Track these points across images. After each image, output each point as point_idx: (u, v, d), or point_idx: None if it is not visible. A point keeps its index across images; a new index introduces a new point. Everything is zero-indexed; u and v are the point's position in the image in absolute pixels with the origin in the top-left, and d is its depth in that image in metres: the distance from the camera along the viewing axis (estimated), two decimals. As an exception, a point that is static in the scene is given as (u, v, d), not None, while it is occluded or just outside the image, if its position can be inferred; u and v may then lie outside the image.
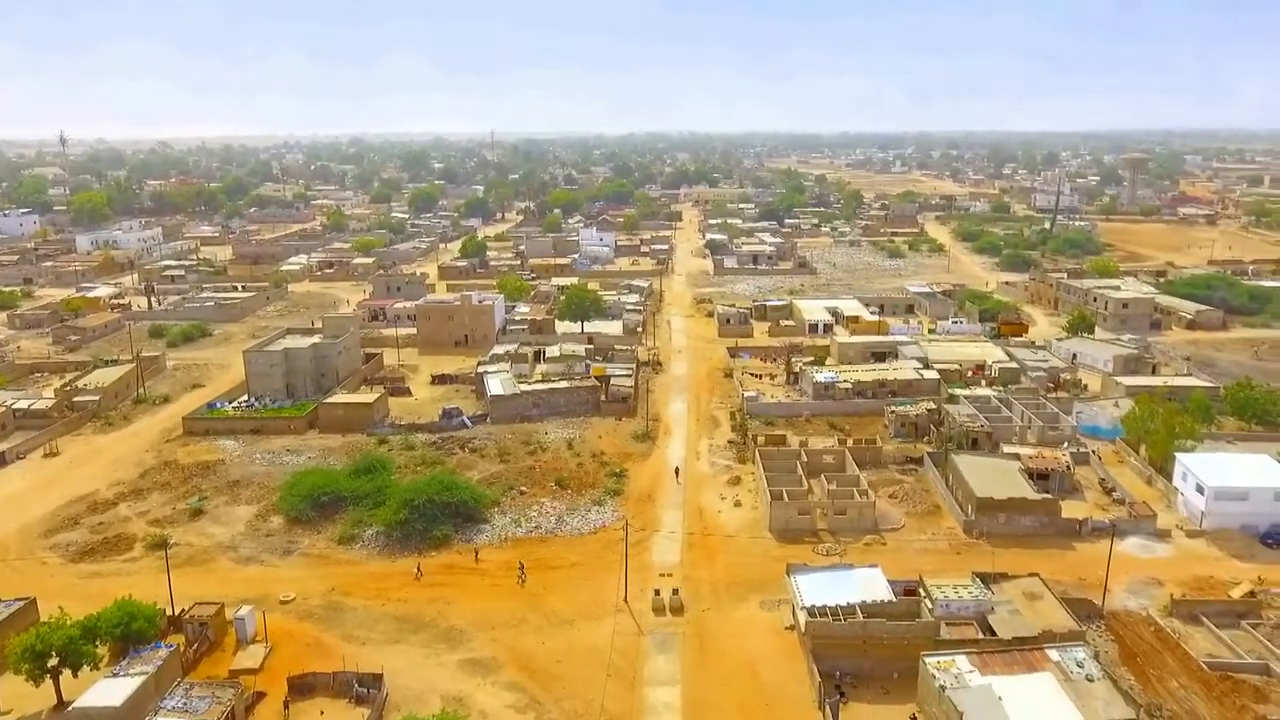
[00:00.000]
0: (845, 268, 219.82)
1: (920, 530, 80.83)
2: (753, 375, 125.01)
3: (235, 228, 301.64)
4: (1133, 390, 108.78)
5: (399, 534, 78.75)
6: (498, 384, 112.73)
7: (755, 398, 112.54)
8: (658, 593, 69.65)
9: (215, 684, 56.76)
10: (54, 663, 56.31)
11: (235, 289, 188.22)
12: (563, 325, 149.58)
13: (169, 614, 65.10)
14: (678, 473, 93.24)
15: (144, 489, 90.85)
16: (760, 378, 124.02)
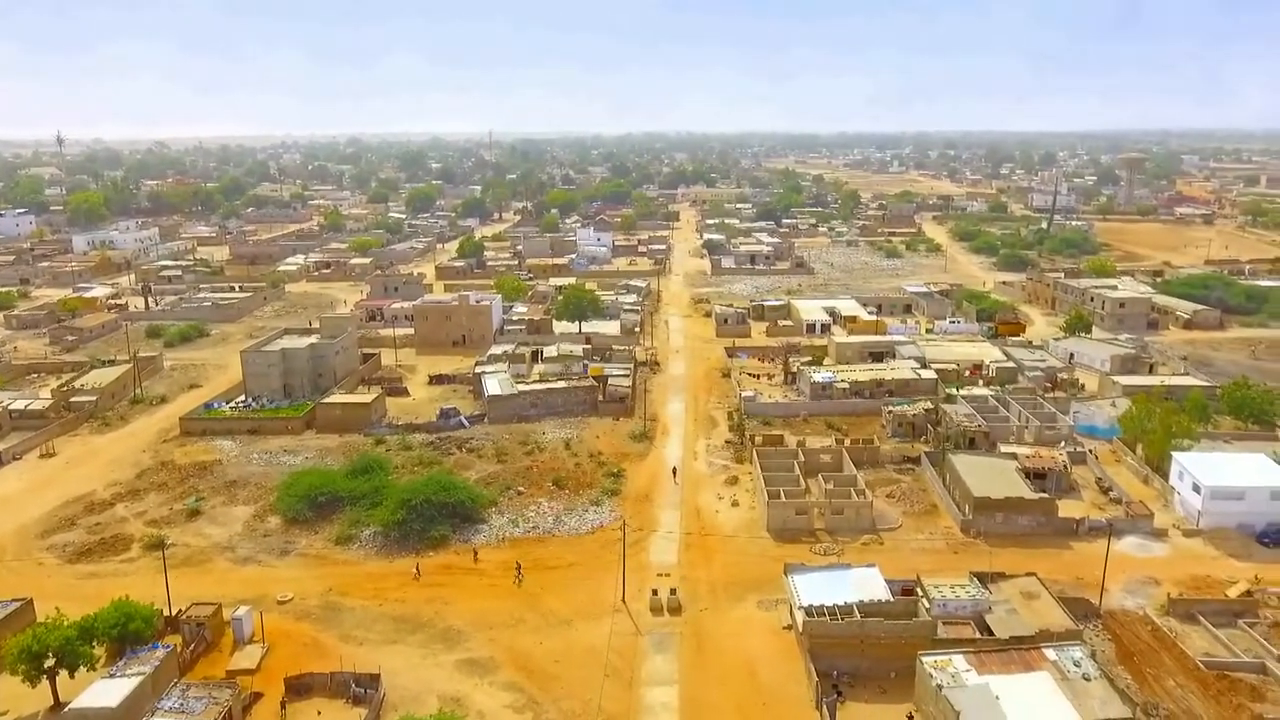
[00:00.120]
0: (843, 268, 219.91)
1: (917, 530, 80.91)
2: (750, 375, 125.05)
3: (232, 228, 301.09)
4: (1130, 390, 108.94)
5: (396, 534, 78.72)
6: (495, 384, 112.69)
7: (753, 397, 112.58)
8: (655, 593, 69.66)
9: (212, 684, 56.78)
10: (50, 663, 56.24)
11: (232, 289, 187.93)
12: (560, 325, 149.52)
13: (166, 614, 65.12)
14: (675, 472, 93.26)
15: (141, 489, 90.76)
16: (758, 377, 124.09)
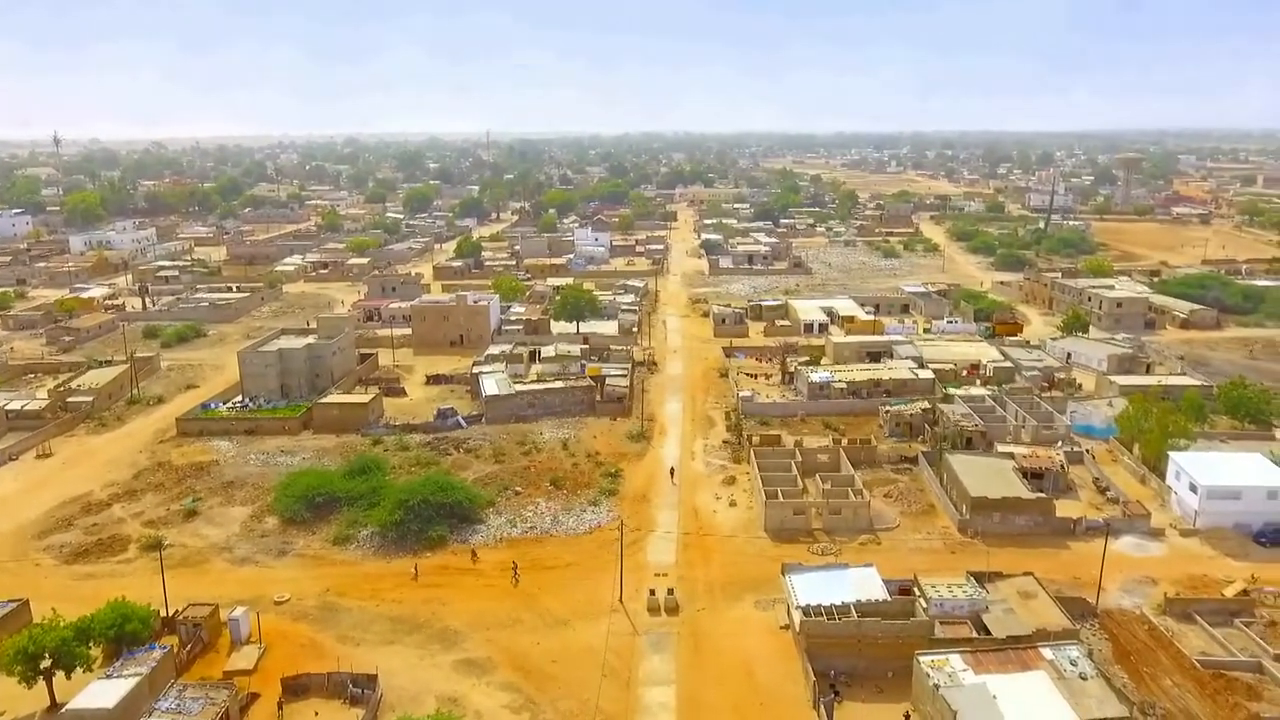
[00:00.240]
0: (840, 267, 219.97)
1: (915, 529, 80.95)
2: (748, 375, 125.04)
3: (230, 228, 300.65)
4: (1127, 389, 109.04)
5: (394, 535, 78.66)
6: (493, 384, 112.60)
7: (750, 397, 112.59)
8: (653, 592, 69.63)
9: (209, 685, 56.74)
10: (47, 664, 56.11)
11: (230, 289, 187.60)
12: (558, 325, 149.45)
13: (163, 615, 65.00)
14: (673, 473, 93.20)
15: (138, 490, 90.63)
16: (755, 377, 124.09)
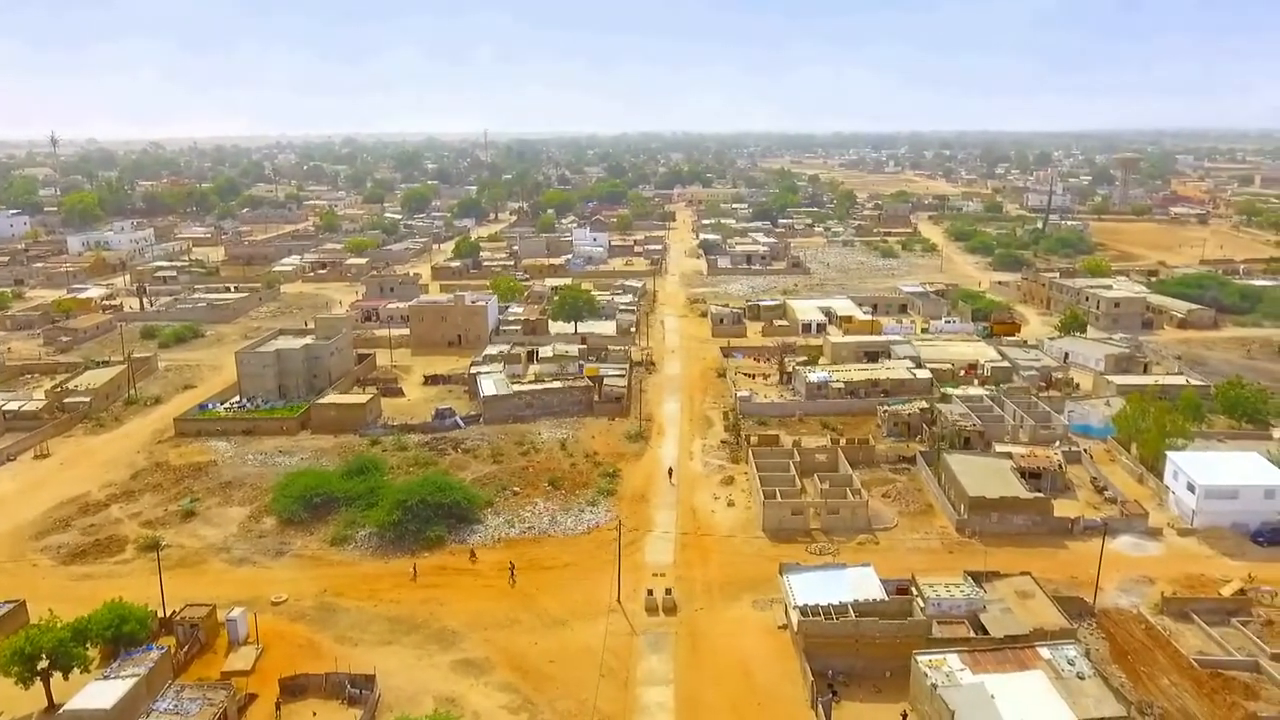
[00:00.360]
0: (838, 267, 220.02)
1: (913, 529, 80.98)
2: (746, 375, 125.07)
3: (227, 228, 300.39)
4: (1124, 389, 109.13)
5: (392, 535, 78.62)
6: (491, 384, 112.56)
7: (748, 397, 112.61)
8: (651, 593, 69.64)
9: (207, 686, 56.75)
10: (44, 665, 56.00)
11: (227, 290, 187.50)
12: (556, 325, 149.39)
13: (160, 616, 64.88)
14: (671, 473, 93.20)
15: (135, 490, 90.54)
16: (753, 377, 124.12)
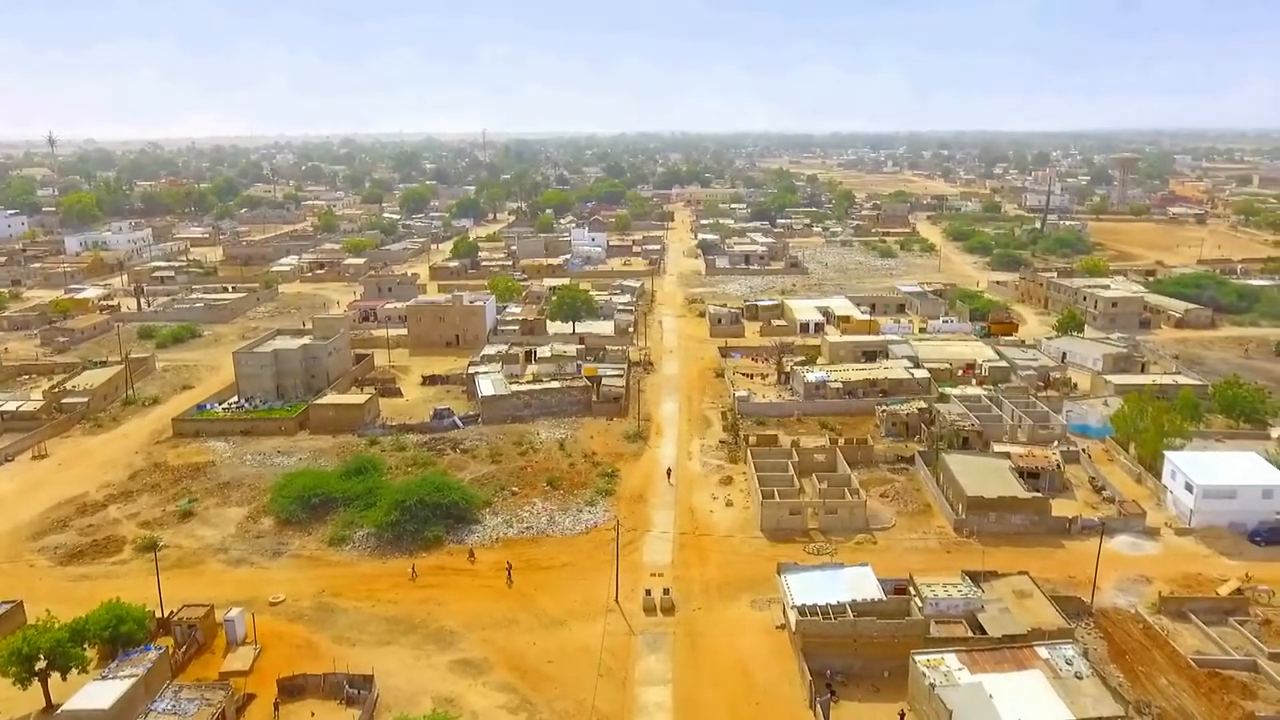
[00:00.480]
0: (837, 267, 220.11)
1: (911, 529, 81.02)
2: (744, 375, 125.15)
3: (225, 229, 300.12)
4: (1122, 389, 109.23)
5: (390, 535, 78.61)
6: (489, 384, 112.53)
7: (747, 397, 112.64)
8: (649, 593, 69.66)
9: (205, 686, 56.73)
10: (42, 666, 56.02)
11: (225, 290, 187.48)
12: (554, 326, 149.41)
13: (158, 616, 64.86)
14: (669, 473, 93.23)
15: (133, 491, 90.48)
16: (751, 377, 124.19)
